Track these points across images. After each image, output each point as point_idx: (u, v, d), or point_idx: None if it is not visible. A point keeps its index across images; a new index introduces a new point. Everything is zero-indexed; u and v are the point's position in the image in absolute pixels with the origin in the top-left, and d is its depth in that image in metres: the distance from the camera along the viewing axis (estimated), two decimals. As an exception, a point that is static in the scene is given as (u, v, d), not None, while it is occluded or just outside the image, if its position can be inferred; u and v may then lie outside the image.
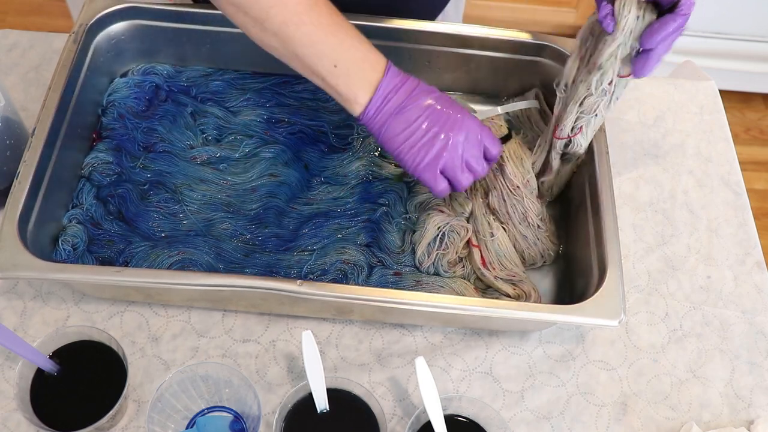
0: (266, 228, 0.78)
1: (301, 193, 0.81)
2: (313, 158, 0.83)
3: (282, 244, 0.77)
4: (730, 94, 1.99)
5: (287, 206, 0.80)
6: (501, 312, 0.67)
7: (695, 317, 0.80)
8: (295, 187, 0.81)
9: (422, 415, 0.65)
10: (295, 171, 0.81)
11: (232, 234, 0.77)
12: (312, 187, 0.81)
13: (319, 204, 0.80)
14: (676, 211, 0.87)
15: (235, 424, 0.67)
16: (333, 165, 0.82)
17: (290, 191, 0.80)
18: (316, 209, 0.80)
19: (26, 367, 0.64)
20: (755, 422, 0.73)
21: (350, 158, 0.83)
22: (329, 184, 0.82)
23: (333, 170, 0.82)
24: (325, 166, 0.82)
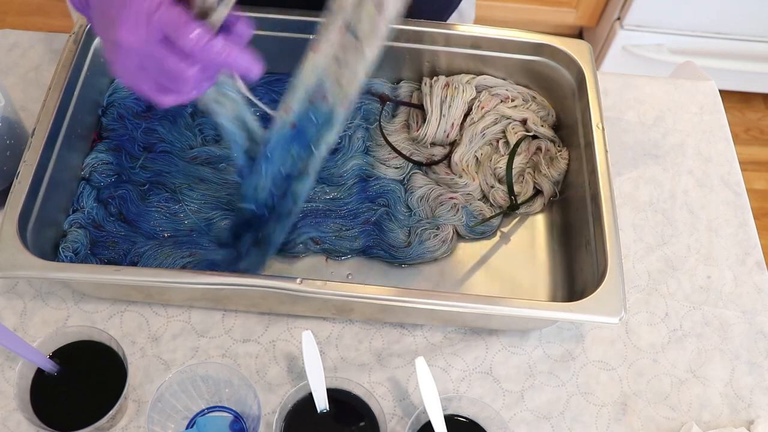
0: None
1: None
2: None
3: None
4: (730, 94, 2.00)
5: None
6: (501, 309, 0.67)
7: (695, 317, 0.80)
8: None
9: (422, 415, 0.65)
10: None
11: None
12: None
13: (318, 203, 0.80)
14: (676, 211, 0.87)
15: (235, 424, 0.67)
16: (328, 166, 0.82)
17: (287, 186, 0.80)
18: (314, 206, 0.80)
19: (26, 367, 0.64)
20: (755, 422, 0.73)
21: (343, 158, 0.83)
22: (326, 184, 0.82)
23: (329, 171, 0.82)
24: (320, 167, 0.82)
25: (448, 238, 0.79)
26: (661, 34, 1.83)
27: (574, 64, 0.83)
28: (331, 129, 0.61)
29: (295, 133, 0.62)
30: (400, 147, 0.85)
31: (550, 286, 0.79)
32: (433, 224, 0.80)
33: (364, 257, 0.79)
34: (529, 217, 0.84)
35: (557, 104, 0.87)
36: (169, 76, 0.51)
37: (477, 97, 0.86)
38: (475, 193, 0.83)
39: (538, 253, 0.81)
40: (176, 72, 0.50)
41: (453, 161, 0.83)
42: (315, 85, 0.58)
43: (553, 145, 0.85)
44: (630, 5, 1.75)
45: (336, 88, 0.58)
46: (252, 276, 0.68)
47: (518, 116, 0.86)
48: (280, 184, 0.67)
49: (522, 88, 0.88)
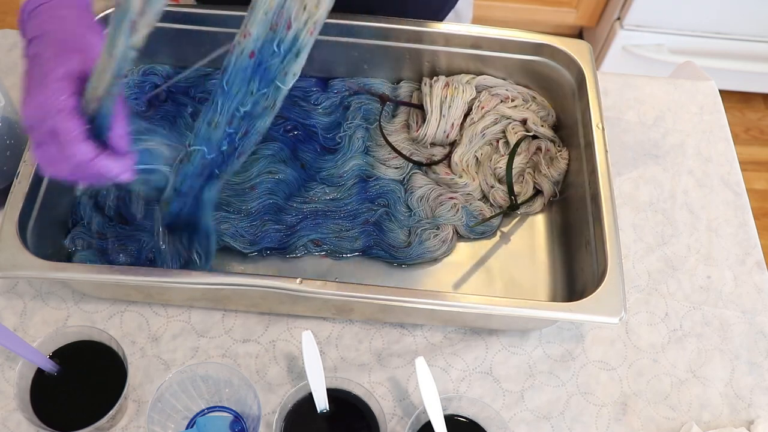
0: (265, 226, 0.78)
1: (299, 192, 0.81)
2: (308, 158, 0.83)
3: (280, 240, 0.77)
4: (730, 94, 2.00)
5: (286, 204, 0.80)
6: (501, 309, 0.67)
7: (695, 317, 0.80)
8: (293, 185, 0.81)
9: (422, 415, 0.65)
10: (292, 169, 0.81)
11: (233, 235, 0.77)
12: (309, 188, 0.81)
13: (318, 204, 0.80)
14: (676, 211, 0.87)
15: (235, 424, 0.67)
16: (328, 166, 0.83)
17: (288, 189, 0.80)
18: (314, 207, 0.80)
19: (26, 367, 0.64)
20: (755, 422, 0.73)
21: (343, 159, 0.83)
22: (326, 185, 0.82)
23: (328, 171, 0.82)
24: (320, 168, 0.82)
25: (448, 238, 0.79)
26: (661, 34, 1.83)
27: (574, 64, 0.83)
28: (297, 58, 0.55)
29: (256, 66, 0.56)
30: (400, 147, 0.85)
31: (550, 286, 0.79)
32: (433, 224, 0.80)
33: (364, 257, 0.79)
34: (529, 217, 0.84)
35: (557, 104, 0.87)
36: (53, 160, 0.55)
37: (477, 97, 0.86)
38: (475, 193, 0.83)
39: (538, 253, 0.81)
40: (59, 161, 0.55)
41: (453, 161, 0.83)
42: (276, 7, 0.53)
43: (553, 145, 0.85)
44: (630, 5, 1.75)
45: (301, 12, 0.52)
46: (252, 276, 0.68)
47: (518, 116, 0.86)
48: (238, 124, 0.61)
49: (522, 88, 0.88)
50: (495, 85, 0.88)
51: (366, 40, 0.84)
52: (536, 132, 0.85)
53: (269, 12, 0.54)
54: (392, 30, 0.84)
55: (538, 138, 0.86)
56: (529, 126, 0.85)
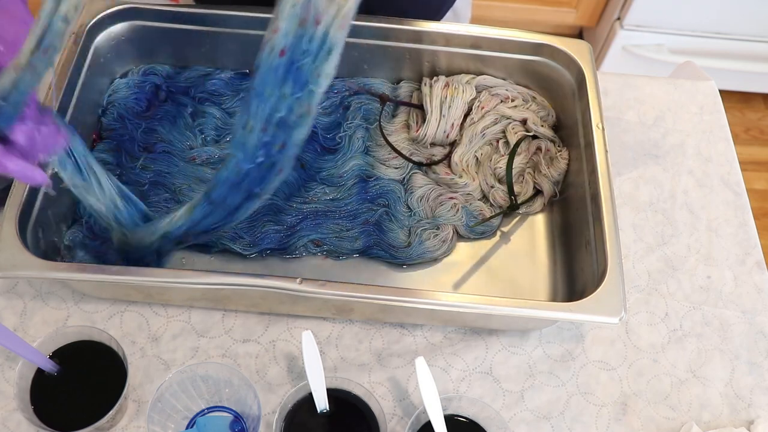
0: (264, 227, 0.78)
1: (299, 193, 0.81)
2: (308, 158, 0.83)
3: (280, 241, 0.77)
4: (730, 94, 2.00)
5: (286, 204, 0.80)
6: (501, 309, 0.67)
7: (695, 317, 0.80)
8: (292, 185, 0.81)
9: (422, 415, 0.65)
10: (292, 170, 0.81)
11: (232, 237, 0.77)
12: (309, 188, 0.81)
13: (318, 204, 0.80)
14: (676, 211, 0.87)
15: (235, 424, 0.67)
16: (328, 166, 0.83)
17: (288, 189, 0.80)
18: (314, 208, 0.80)
19: (26, 367, 0.64)
20: (755, 422, 0.73)
21: (343, 159, 0.83)
22: (326, 185, 0.82)
23: (328, 171, 0.82)
24: (320, 168, 0.82)
25: (448, 238, 0.79)
26: (661, 34, 1.83)
27: (574, 64, 0.83)
28: (329, 58, 0.53)
29: (288, 65, 0.54)
30: (400, 147, 0.85)
31: (550, 286, 0.79)
32: (433, 224, 0.80)
33: (364, 257, 0.79)
34: (529, 217, 0.84)
35: (557, 104, 0.87)
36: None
37: (477, 97, 0.86)
38: (475, 193, 0.83)
39: (538, 253, 0.81)
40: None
41: (453, 161, 0.83)
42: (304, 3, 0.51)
43: (553, 145, 0.85)
44: (630, 5, 1.75)
45: (329, 4, 0.51)
46: (252, 276, 0.68)
47: (518, 116, 0.86)
48: (274, 132, 0.58)
49: (522, 88, 0.88)
50: (495, 85, 0.88)
51: (366, 40, 0.84)
52: (536, 132, 0.85)
53: (297, 5, 0.51)
54: (392, 30, 0.84)
55: (538, 138, 0.86)
56: (529, 126, 0.85)
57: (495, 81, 0.88)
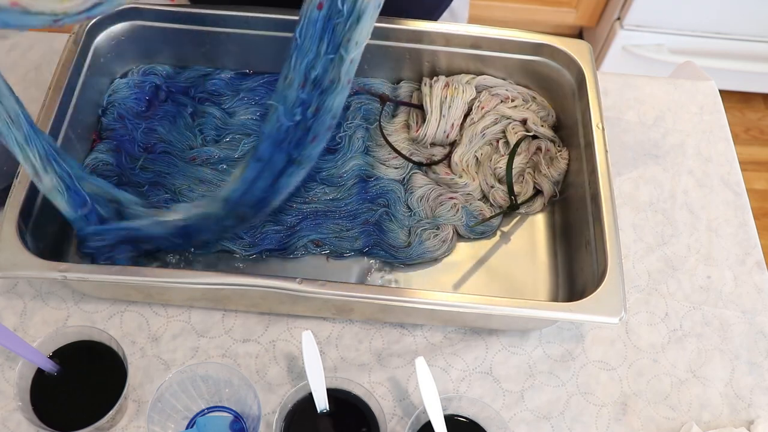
0: (264, 227, 0.78)
1: (299, 193, 0.81)
2: (309, 158, 0.83)
3: (280, 241, 0.77)
4: (730, 94, 2.00)
5: (285, 204, 0.80)
6: (501, 309, 0.67)
7: (695, 317, 0.80)
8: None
9: (422, 415, 0.65)
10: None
11: (231, 238, 0.77)
12: (309, 188, 0.81)
13: (318, 204, 0.80)
14: (676, 211, 0.87)
15: (235, 424, 0.67)
16: (328, 166, 0.83)
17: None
18: (314, 208, 0.80)
19: (26, 367, 0.64)
20: (755, 422, 0.73)
21: (343, 158, 0.83)
22: (326, 185, 0.82)
23: (328, 171, 0.82)
24: (320, 168, 0.82)
25: (448, 238, 0.79)
26: (661, 34, 1.83)
27: (574, 64, 0.83)
28: (358, 24, 0.55)
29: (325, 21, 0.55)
30: (400, 147, 0.85)
31: (550, 286, 0.79)
32: (433, 224, 0.80)
33: (365, 257, 0.79)
34: (529, 217, 0.84)
35: (557, 104, 0.87)
36: None
37: (477, 97, 0.86)
38: (475, 193, 0.83)
39: (538, 253, 0.81)
40: None
41: (453, 161, 0.83)
42: None
43: (553, 145, 0.85)
44: (630, 5, 1.75)
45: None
46: (252, 276, 0.68)
47: (518, 116, 0.86)
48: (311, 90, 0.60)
49: (522, 88, 0.88)
50: (495, 85, 0.88)
51: (366, 40, 0.84)
52: (536, 132, 0.85)
53: None
54: (392, 30, 0.84)
55: (538, 138, 0.86)
56: (529, 126, 0.85)
57: (495, 81, 0.88)
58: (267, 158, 0.64)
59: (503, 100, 0.87)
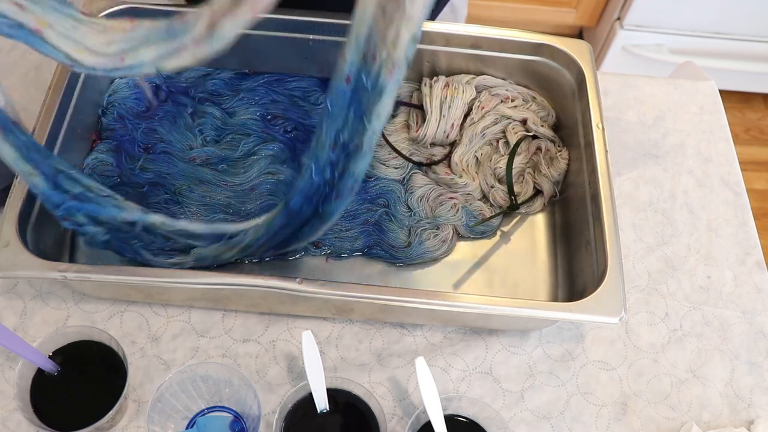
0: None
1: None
2: (309, 158, 0.83)
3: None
4: (730, 94, 2.00)
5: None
6: (501, 309, 0.67)
7: (695, 317, 0.80)
8: (292, 185, 0.81)
9: (422, 415, 0.65)
10: (292, 170, 0.81)
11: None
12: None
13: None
14: (676, 211, 0.87)
15: (235, 424, 0.67)
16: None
17: (288, 189, 0.80)
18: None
19: (26, 367, 0.64)
20: (755, 422, 0.73)
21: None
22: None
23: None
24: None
25: (448, 238, 0.79)
26: (661, 34, 1.83)
27: (574, 64, 0.83)
28: (380, 99, 0.59)
29: (352, 92, 0.60)
30: (400, 147, 0.85)
31: (550, 286, 0.79)
32: (433, 224, 0.80)
33: (364, 257, 0.79)
34: (529, 217, 0.84)
35: (557, 104, 0.87)
36: None
37: (477, 98, 0.86)
38: (475, 193, 0.83)
39: (538, 253, 0.81)
40: None
41: (453, 161, 0.83)
42: (366, 35, 0.56)
43: (553, 145, 0.85)
44: (630, 5, 1.75)
45: (382, 46, 0.56)
46: (252, 276, 0.68)
47: (518, 116, 0.86)
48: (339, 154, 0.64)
49: (522, 88, 0.88)
50: (495, 85, 0.88)
51: (366, 40, 0.84)
52: (536, 132, 0.85)
53: (360, 38, 0.56)
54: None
55: (538, 138, 0.86)
56: (529, 126, 0.85)
57: (495, 81, 0.88)
58: (297, 210, 0.68)
59: (503, 100, 0.87)
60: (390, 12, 0.54)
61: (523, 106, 0.87)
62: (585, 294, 0.68)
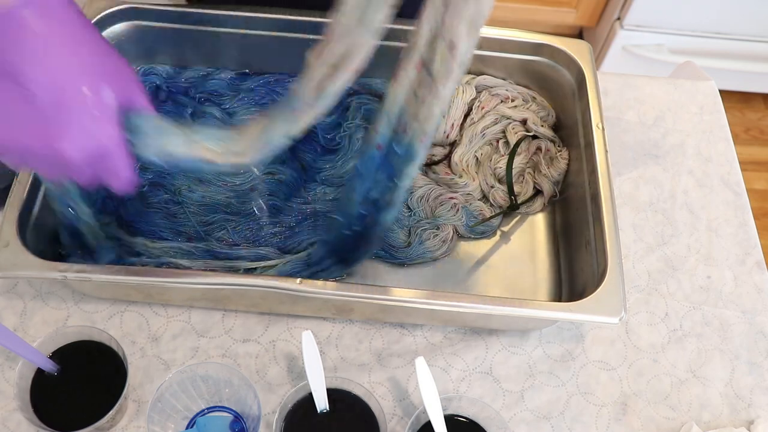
0: (262, 230, 0.78)
1: (299, 193, 0.81)
2: (308, 158, 0.83)
3: (280, 242, 0.77)
4: (730, 94, 2.00)
5: (285, 205, 0.80)
6: (501, 309, 0.67)
7: (695, 317, 0.80)
8: (292, 185, 0.81)
9: (422, 415, 0.65)
10: (292, 170, 0.81)
11: (231, 244, 0.77)
12: (310, 188, 0.81)
13: (317, 204, 0.80)
14: (676, 211, 0.87)
15: (235, 424, 0.67)
16: (328, 167, 0.83)
17: (288, 190, 0.80)
18: (314, 208, 0.80)
19: (26, 367, 0.64)
20: (755, 422, 0.73)
21: (343, 159, 0.83)
22: (326, 185, 0.82)
23: (328, 172, 0.82)
24: (320, 168, 0.82)
25: (448, 238, 0.79)
26: (661, 34, 1.83)
27: (574, 64, 0.83)
28: (411, 162, 0.63)
29: (382, 158, 0.64)
30: (400, 147, 0.84)
31: (550, 286, 0.79)
32: (433, 224, 0.80)
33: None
34: (529, 217, 0.84)
35: (557, 104, 0.87)
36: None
37: (477, 98, 0.86)
38: (475, 193, 0.83)
39: (538, 253, 0.81)
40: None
41: (453, 161, 0.83)
42: (397, 114, 0.61)
43: (553, 145, 0.85)
44: (630, 5, 1.75)
45: (413, 122, 0.60)
46: (252, 276, 0.68)
47: (518, 116, 0.86)
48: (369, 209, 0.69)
49: (522, 88, 0.88)
50: (495, 85, 0.88)
51: (366, 40, 0.84)
52: (536, 132, 0.85)
53: (392, 116, 0.61)
54: (392, 30, 0.84)
55: (538, 138, 0.86)
56: (529, 126, 0.85)
57: (495, 81, 0.88)
58: (318, 260, 0.74)
59: (503, 100, 0.87)
60: (422, 95, 0.58)
61: (523, 106, 0.87)
62: (585, 294, 0.68)
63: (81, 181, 0.54)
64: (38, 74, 0.48)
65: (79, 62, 0.50)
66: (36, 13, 0.48)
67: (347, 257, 0.74)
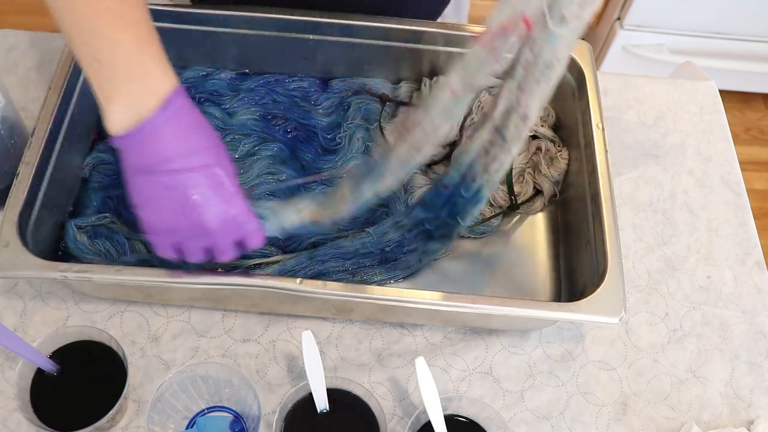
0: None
1: (299, 193, 0.81)
2: (308, 158, 0.83)
3: (280, 242, 0.77)
4: (730, 94, 2.00)
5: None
6: (501, 309, 0.67)
7: (695, 317, 0.80)
8: (293, 186, 0.81)
9: (422, 415, 0.65)
10: (292, 170, 0.81)
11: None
12: (310, 188, 0.81)
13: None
14: (676, 211, 0.87)
15: (235, 424, 0.67)
16: (328, 167, 0.82)
17: (289, 190, 0.80)
18: (315, 209, 0.80)
19: (26, 367, 0.64)
20: (755, 422, 0.73)
21: (343, 159, 0.83)
22: (326, 185, 0.82)
23: (328, 172, 0.82)
24: (320, 168, 0.82)
25: (448, 238, 0.79)
26: (661, 34, 1.83)
27: (574, 64, 0.83)
28: (476, 205, 0.68)
29: (448, 197, 0.70)
30: (400, 147, 0.85)
31: (550, 286, 0.79)
32: (433, 224, 0.80)
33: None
34: (529, 217, 0.84)
35: (557, 104, 0.87)
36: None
37: (477, 98, 0.86)
38: (475, 193, 0.83)
39: (538, 253, 0.81)
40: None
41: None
42: (468, 165, 0.66)
43: (553, 145, 0.85)
44: (630, 5, 1.75)
45: (483, 173, 0.66)
46: (252, 276, 0.68)
47: (518, 116, 0.86)
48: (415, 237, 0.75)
49: (522, 88, 0.88)
50: (495, 85, 0.87)
51: (366, 40, 0.84)
52: (536, 132, 0.85)
53: (462, 165, 0.67)
54: (392, 30, 0.84)
55: (538, 138, 0.86)
56: None
57: (495, 81, 0.88)
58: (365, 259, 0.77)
59: None
60: (494, 153, 0.64)
61: None
62: (585, 294, 0.68)
63: (220, 249, 0.62)
64: (181, 164, 0.57)
65: (206, 146, 0.59)
66: (173, 115, 0.58)
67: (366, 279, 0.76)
